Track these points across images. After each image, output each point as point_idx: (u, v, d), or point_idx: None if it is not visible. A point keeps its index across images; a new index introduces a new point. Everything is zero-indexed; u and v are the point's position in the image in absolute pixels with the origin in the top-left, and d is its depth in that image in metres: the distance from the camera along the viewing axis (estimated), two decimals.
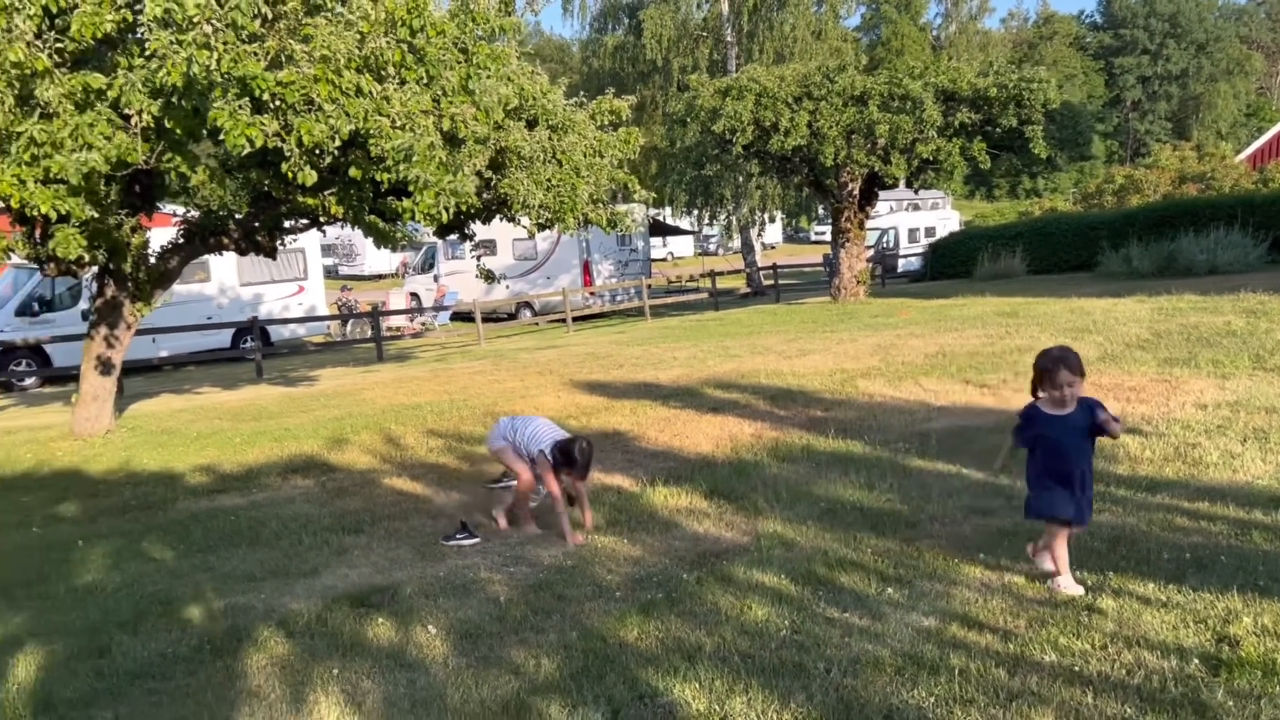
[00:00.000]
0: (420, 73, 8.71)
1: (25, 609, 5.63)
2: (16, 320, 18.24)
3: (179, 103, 7.92)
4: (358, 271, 43.28)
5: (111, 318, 11.01)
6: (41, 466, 9.81)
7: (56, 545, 6.98)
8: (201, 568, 6.20)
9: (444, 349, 20.68)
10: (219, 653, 4.71)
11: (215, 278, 20.62)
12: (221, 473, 9.02)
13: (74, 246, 8.43)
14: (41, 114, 7.93)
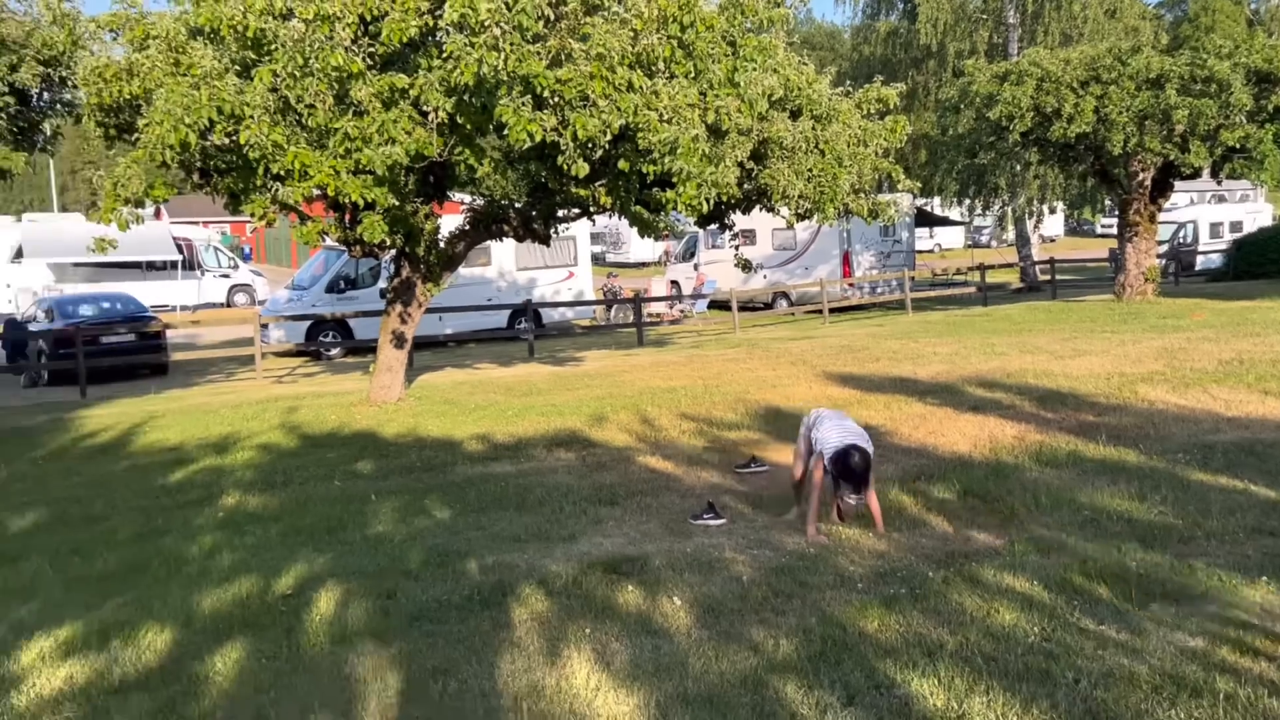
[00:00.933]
0: (688, 67, 8.98)
1: (327, 551, 6.39)
2: (326, 296, 20.38)
3: (470, 100, 8.62)
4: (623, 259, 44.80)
5: (406, 296, 12.12)
6: (343, 427, 10.98)
7: (354, 498, 7.83)
8: (474, 526, 6.78)
9: (700, 336, 21.11)
10: (487, 604, 5.17)
11: (495, 262, 22.09)
12: (494, 442, 9.75)
13: (378, 231, 9.38)
14: (355, 112, 8.87)
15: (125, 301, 19.94)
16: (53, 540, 7.04)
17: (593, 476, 8.08)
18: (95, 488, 8.67)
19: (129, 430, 11.37)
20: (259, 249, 50.65)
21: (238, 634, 4.90)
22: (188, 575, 6.01)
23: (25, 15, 10.26)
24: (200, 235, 32.91)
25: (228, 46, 9.23)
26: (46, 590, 5.88)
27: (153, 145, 8.77)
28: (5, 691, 4.36)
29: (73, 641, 4.90)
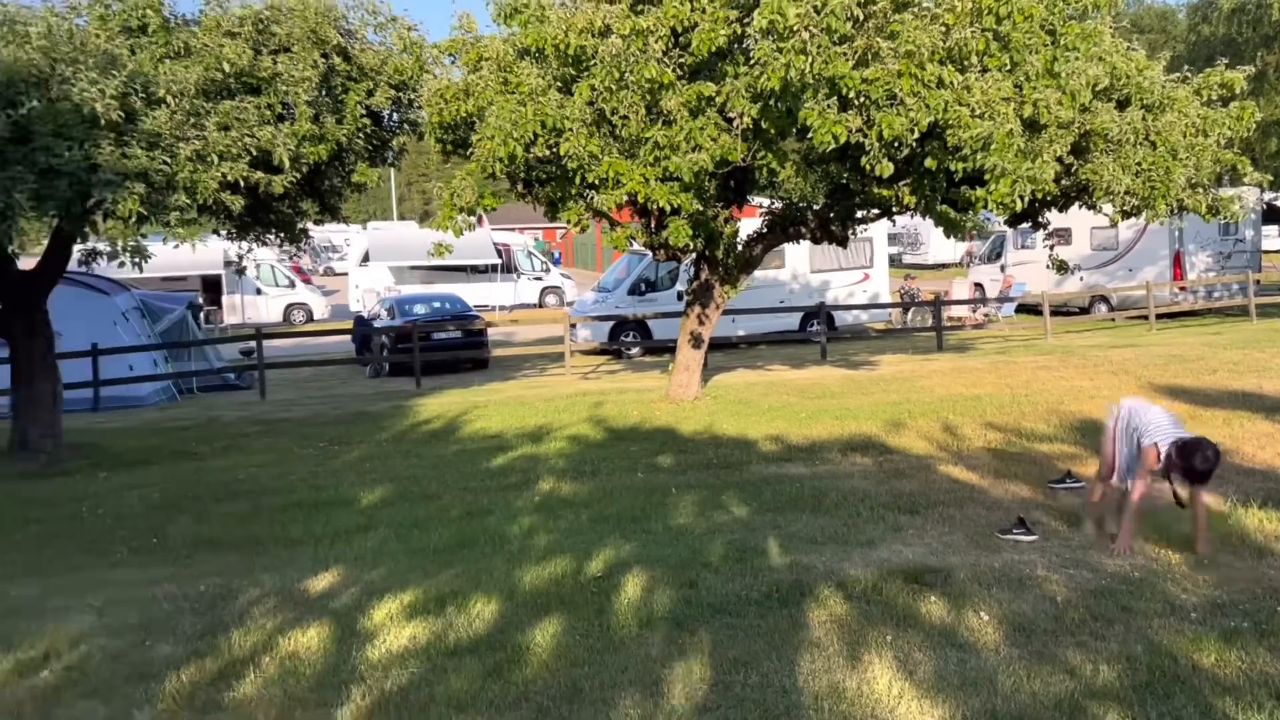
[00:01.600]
0: (1003, 59, 8.59)
1: (633, 539, 6.72)
2: (628, 298, 21.31)
3: (775, 105, 8.73)
4: (921, 260, 43.36)
5: (704, 298, 12.46)
6: (644, 423, 11.47)
7: (655, 490, 8.17)
8: (770, 525, 6.86)
9: (1006, 341, 20.04)
10: (785, 602, 5.23)
11: (789, 264, 22.13)
12: (788, 443, 9.81)
13: (683, 235, 9.73)
14: (664, 121, 9.24)
15: (453, 301, 21.89)
16: (396, 514, 7.89)
17: (891, 483, 7.93)
18: (430, 469, 9.61)
19: (456, 418, 12.50)
20: (567, 254, 53.81)
21: (554, 610, 5.27)
22: (509, 553, 6.53)
23: (381, 45, 11.53)
24: (517, 241, 35.45)
25: (550, 64, 9.91)
26: (392, 558, 6.61)
27: (484, 158, 9.59)
28: (362, 645, 4.95)
29: (415, 605, 5.47)
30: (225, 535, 7.53)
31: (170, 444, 11.87)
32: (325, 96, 10.88)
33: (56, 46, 8.85)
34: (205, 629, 5.25)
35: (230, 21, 10.45)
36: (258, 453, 11.01)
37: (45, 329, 11.10)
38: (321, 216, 13.31)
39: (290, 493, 8.83)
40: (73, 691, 4.54)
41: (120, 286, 17.47)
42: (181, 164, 8.99)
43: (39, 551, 7.36)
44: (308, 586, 5.95)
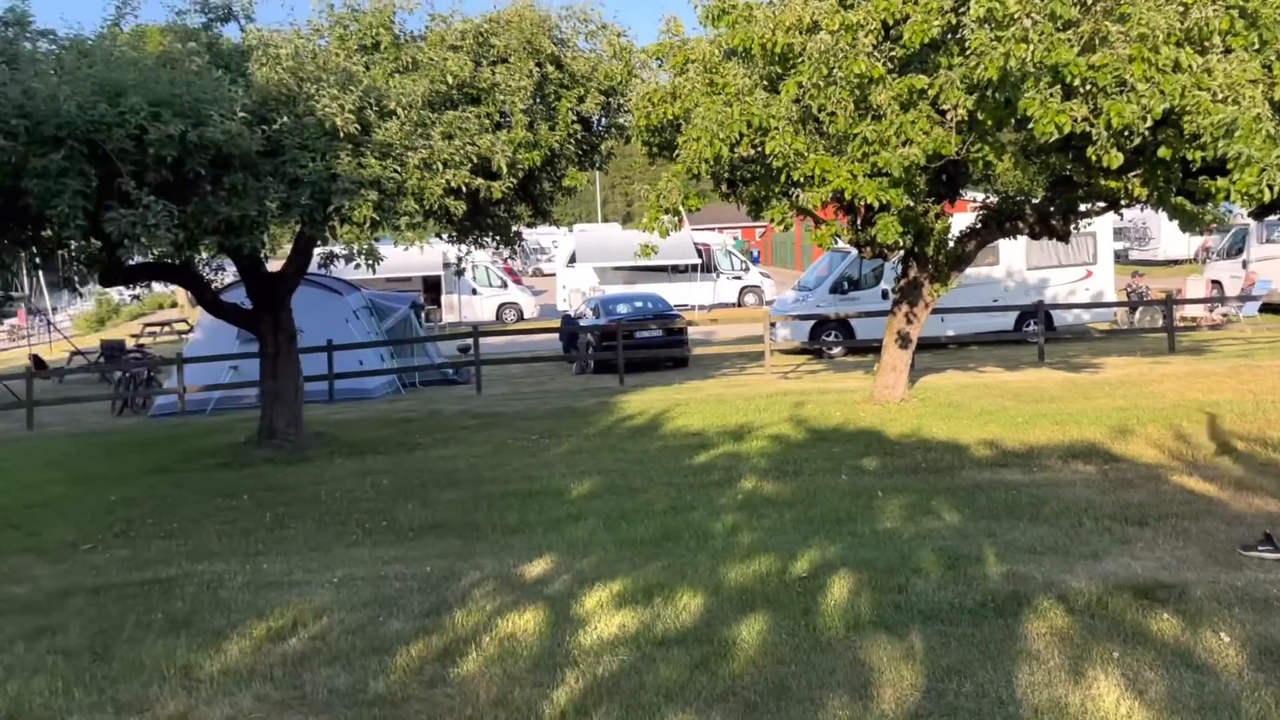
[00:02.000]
0: (1250, 38, 7.93)
1: (838, 541, 6.65)
2: (830, 297, 21.00)
3: (992, 95, 8.40)
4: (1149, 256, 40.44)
5: (912, 297, 12.13)
6: (847, 424, 11.29)
7: (861, 492, 8.04)
8: (984, 533, 6.62)
9: (1249, 344, 18.41)
10: (1001, 612, 5.04)
11: (1003, 261, 21.17)
12: (1003, 448, 9.41)
13: (892, 231, 9.51)
14: (872, 116, 9.07)
15: (655, 301, 22.27)
16: (604, 505, 8.13)
17: (1117, 493, 7.48)
18: (634, 463, 9.84)
19: (659, 415, 12.72)
20: (766, 252, 53.61)
21: (759, 607, 5.30)
22: (714, 549, 6.60)
23: (591, 52, 11.90)
24: (716, 240, 35.64)
25: (757, 64, 9.93)
26: (601, 548, 6.82)
27: (690, 159, 9.72)
28: (575, 630, 5.15)
29: (623, 594, 5.63)
30: (447, 520, 7.99)
31: (396, 434, 12.69)
32: (539, 104, 11.33)
33: (303, 66, 9.64)
34: (431, 608, 5.60)
35: (453, 36, 11.07)
36: (475, 444, 11.60)
37: (289, 326, 12.10)
38: (534, 219, 13.87)
39: (506, 482, 9.27)
40: (317, 659, 4.94)
41: (352, 287, 18.82)
42: (410, 172, 9.60)
43: (283, 530, 8.05)
44: (523, 572, 6.24)
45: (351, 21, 10.98)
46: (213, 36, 10.75)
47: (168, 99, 8.31)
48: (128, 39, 10.27)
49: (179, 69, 8.86)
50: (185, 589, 6.30)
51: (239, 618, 5.61)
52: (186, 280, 11.78)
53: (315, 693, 4.52)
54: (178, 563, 7.09)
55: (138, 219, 8.18)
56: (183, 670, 4.86)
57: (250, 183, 8.87)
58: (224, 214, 8.73)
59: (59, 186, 7.96)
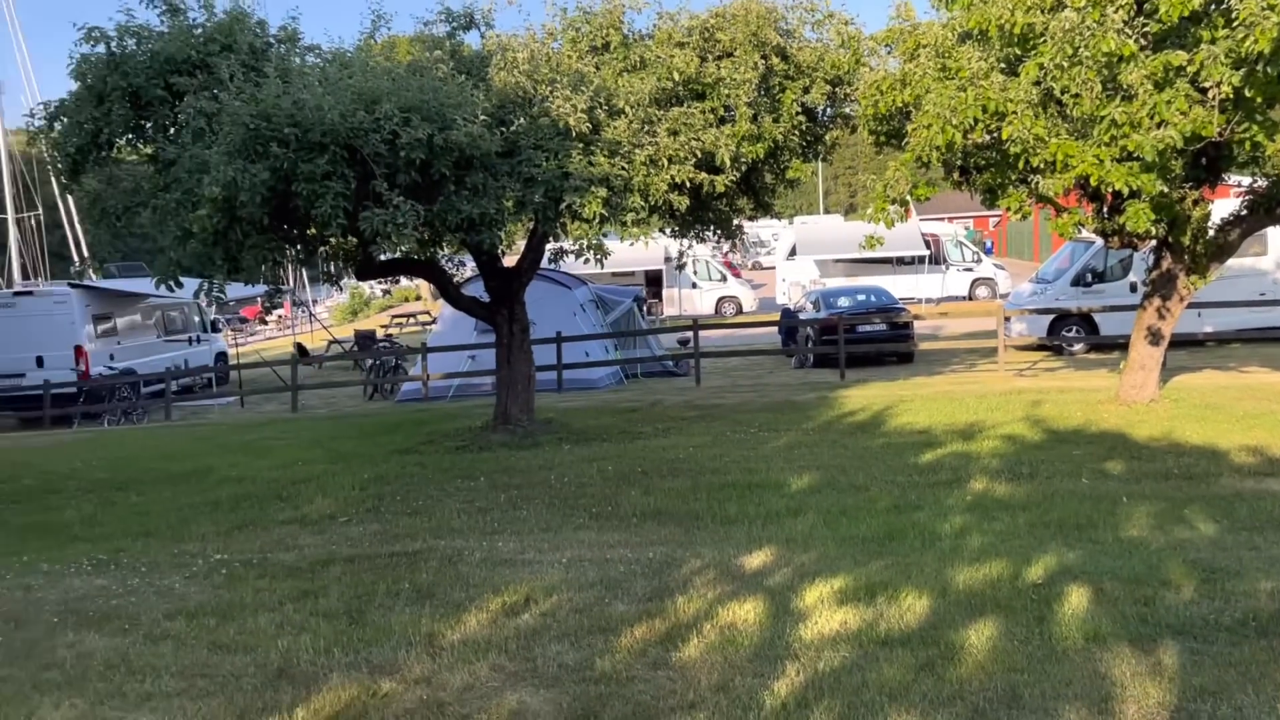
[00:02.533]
0: None
1: (1076, 547, 6.29)
2: (1071, 290, 19.77)
3: (1262, 70, 7.66)
4: None
5: (1165, 290, 11.25)
6: (1089, 425, 10.62)
7: (1103, 497, 7.55)
8: (1246, 545, 6.08)
9: None
10: (1264, 632, 4.62)
11: (1273, 251, 19.22)
12: (1269, 455, 8.59)
13: (1143, 220, 8.86)
14: (1123, 96, 8.48)
15: (878, 294, 21.75)
16: (824, 501, 8.04)
17: None
18: (856, 459, 9.67)
19: (881, 411, 12.43)
20: (1000, 243, 51.11)
21: (989, 612, 5.10)
22: (940, 550, 6.40)
23: (818, 42, 11.76)
24: (946, 231, 34.34)
25: (993, 46, 9.49)
26: (821, 543, 6.76)
27: (920, 147, 9.43)
28: (795, 623, 5.14)
29: (845, 591, 5.56)
30: (668, 508, 8.16)
31: (620, 423, 13.06)
32: (763, 96, 11.32)
33: (538, 69, 10.08)
34: (654, 592, 5.75)
35: (680, 33, 11.24)
36: (696, 435, 11.76)
37: (523, 318, 12.70)
38: (755, 212, 13.88)
39: (725, 473, 9.35)
40: (547, 635, 5.19)
41: (579, 281, 19.49)
42: (637, 168, 9.84)
43: (516, 510, 8.48)
44: (743, 562, 6.28)
45: (583, 24, 11.37)
46: (455, 44, 11.44)
47: (417, 105, 8.91)
48: (381, 50, 11.09)
49: (427, 76, 9.48)
50: (429, 562, 6.75)
51: (477, 591, 5.97)
52: (430, 274, 12.59)
53: (546, 667, 4.75)
54: (422, 537, 7.62)
55: (389, 218, 8.83)
56: (427, 638, 5.22)
57: (489, 182, 9.38)
58: (465, 212, 9.26)
59: (323, 189, 8.71)
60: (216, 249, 9.29)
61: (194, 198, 8.93)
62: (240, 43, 10.09)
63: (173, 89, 9.84)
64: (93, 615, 5.97)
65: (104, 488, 11.06)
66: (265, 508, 9.31)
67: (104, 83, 9.94)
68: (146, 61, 9.91)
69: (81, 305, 20.77)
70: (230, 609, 5.94)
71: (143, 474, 11.77)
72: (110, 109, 9.94)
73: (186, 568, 7.07)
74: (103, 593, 6.49)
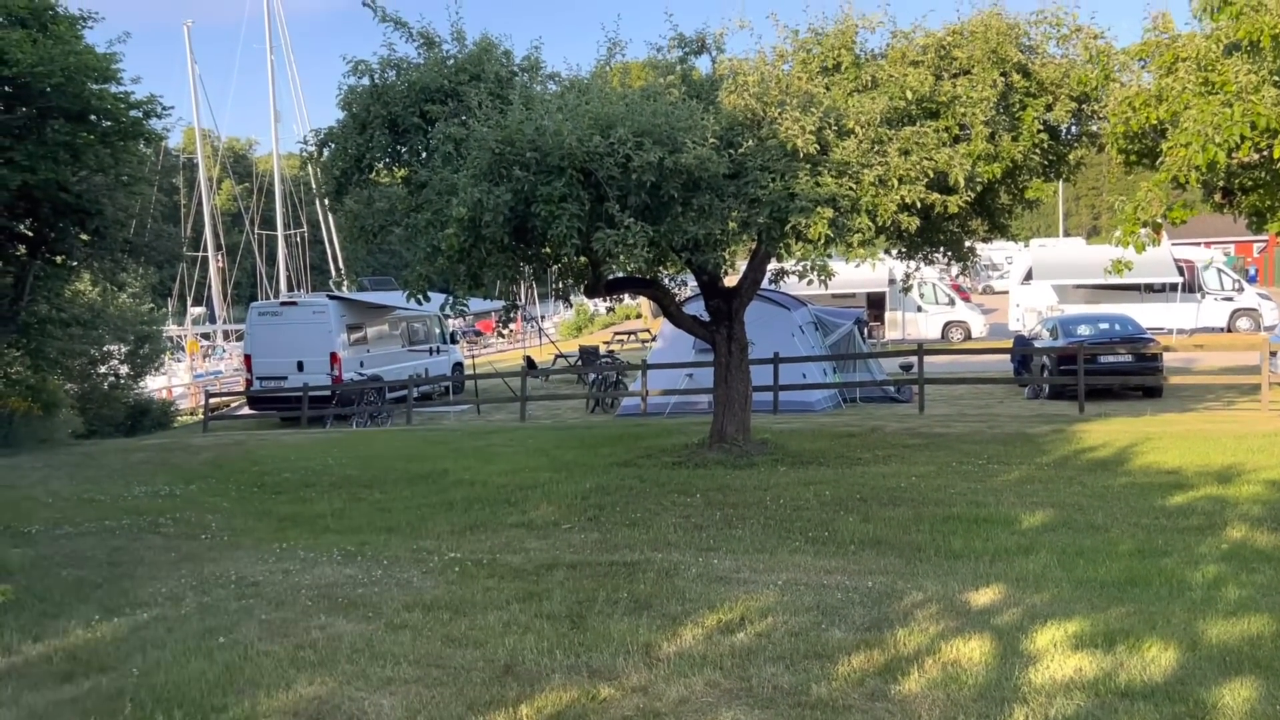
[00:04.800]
0: None
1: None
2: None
3: None
4: None
5: None
6: None
7: None
8: None
9: None
10: None
11: None
12: None
13: None
14: None
15: (1124, 323, 20.34)
16: (1059, 540, 7.59)
17: None
18: (1095, 498, 9.07)
19: (1125, 448, 11.60)
20: (1266, 270, 46.64)
21: (1247, 671, 4.67)
22: (1190, 600, 5.91)
23: (1063, 58, 11.18)
24: (1202, 256, 31.68)
25: (1265, 58, 8.73)
26: (1055, 584, 6.38)
27: (1177, 166, 8.80)
28: (1025, 666, 4.88)
29: (1080, 636, 5.23)
30: (888, 537, 7.94)
31: (837, 448, 12.84)
32: (1002, 115, 10.88)
33: (767, 92, 10.14)
34: (872, 622, 5.62)
35: (914, 51, 11.00)
36: (918, 464, 11.39)
37: (741, 337, 12.75)
38: (989, 234, 13.34)
39: (949, 505, 9.00)
40: (762, 655, 5.17)
41: (799, 302, 19.37)
42: (865, 189, 9.69)
43: (732, 529, 8.51)
44: (968, 599, 6.04)
45: (815, 45, 11.33)
46: (687, 69, 11.69)
47: (649, 129, 9.17)
48: (616, 75, 11.49)
49: (659, 101, 9.74)
50: (646, 573, 6.89)
51: (692, 606, 6.04)
52: (654, 293, 12.88)
53: (761, 687, 4.74)
54: (640, 549, 7.79)
55: (620, 239, 9.12)
56: (644, 647, 5.33)
57: (715, 203, 9.51)
58: (691, 233, 9.43)
59: (559, 210, 9.11)
60: (461, 266, 9.90)
61: (442, 217, 9.56)
62: (488, 72, 10.74)
63: (426, 116, 10.60)
64: (341, 601, 6.48)
65: (352, 484, 11.97)
66: (495, 511, 9.79)
67: (367, 111, 10.84)
68: (404, 91, 10.72)
69: (337, 315, 22.66)
70: (462, 605, 6.29)
71: (386, 473, 12.66)
72: (372, 135, 10.82)
73: (424, 563, 7.54)
74: (350, 581, 7.03)
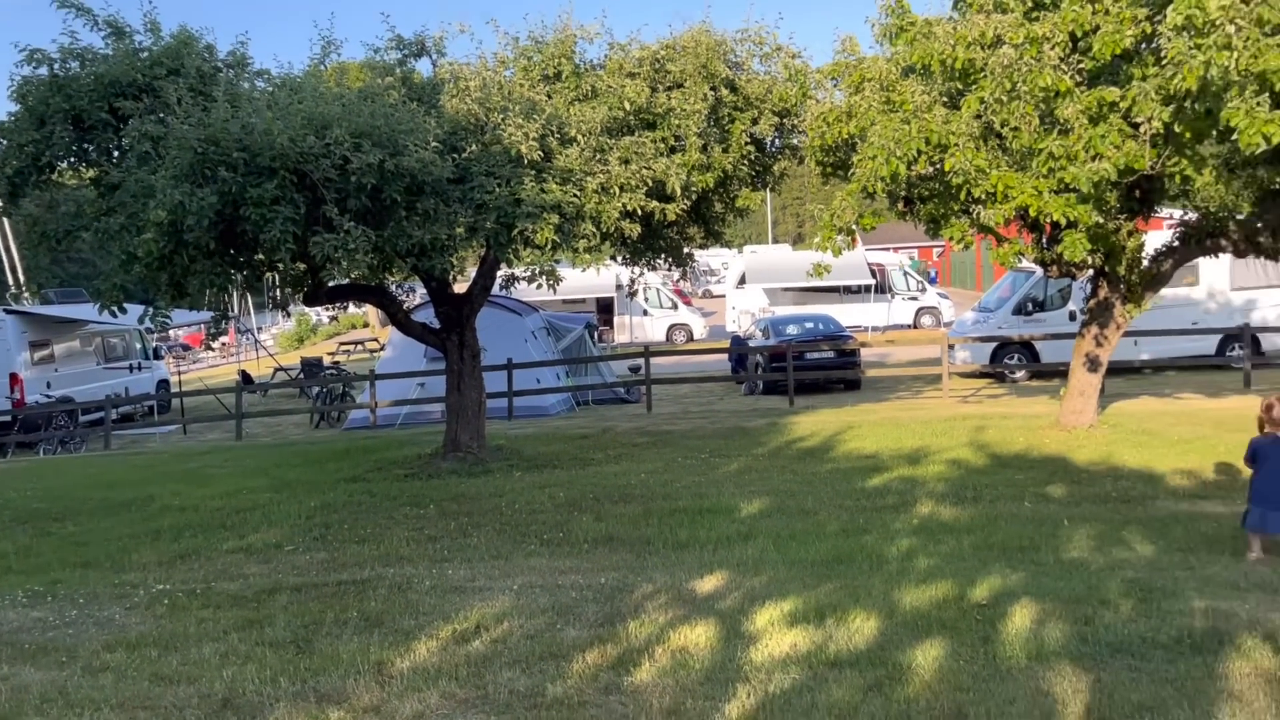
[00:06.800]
0: None
1: (1019, 569, 6.41)
2: (1013, 318, 20.21)
3: (1191, 106, 7.96)
4: None
5: (1102, 318, 11.56)
6: (1031, 450, 10.86)
7: (1045, 520, 7.72)
8: (1181, 566, 6.25)
9: None
10: (1199, 649, 4.75)
11: (1204, 281, 19.84)
12: (1203, 479, 8.85)
13: (1079, 249, 9.12)
14: (1059, 130, 8.75)
15: (826, 322, 22.01)
16: (774, 525, 8.12)
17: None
18: (805, 484, 9.77)
19: (830, 437, 12.58)
20: (944, 273, 52.06)
21: (935, 633, 5.18)
22: (888, 572, 6.49)
23: (766, 74, 11.98)
24: (891, 260, 34.91)
25: (935, 80, 9.75)
26: (771, 567, 6.82)
27: (865, 178, 9.62)
28: (746, 646, 5.17)
29: (795, 614, 5.61)
30: (620, 533, 8.17)
31: (571, 450, 13.05)
32: (713, 127, 11.48)
33: (490, 97, 10.14)
34: (605, 617, 5.75)
35: (630, 63, 11.38)
36: (647, 461, 11.79)
37: (473, 344, 12.66)
38: (706, 241, 14.02)
39: (676, 499, 9.39)
40: (498, 661, 5.16)
41: (530, 308, 19.49)
42: (589, 196, 9.91)
43: (467, 538, 8.43)
44: (695, 587, 6.32)
45: (535, 53, 11.46)
46: (407, 71, 11.45)
47: (368, 130, 8.91)
48: (332, 75, 11.07)
49: (378, 102, 9.48)
50: (378, 590, 6.69)
51: (426, 619, 5.92)
52: (380, 300, 12.53)
53: (497, 693, 4.72)
54: (371, 565, 7.54)
55: (339, 243, 8.79)
56: (376, 666, 5.17)
57: (441, 208, 9.38)
58: (417, 238, 9.26)
59: (272, 214, 8.65)
60: (162, 274, 9.17)
61: (139, 221, 8.82)
62: (188, 67, 10.01)
63: (117, 112, 9.73)
64: (28, 648, 5.82)
65: (40, 518, 10.78)
66: (209, 537, 9.15)
67: (46, 105, 9.79)
68: (90, 84, 9.78)
69: (17, 331, 20.29)
70: (173, 640, 5.82)
71: (80, 503, 11.50)
72: (52, 131, 9.79)
73: (127, 598, 6.92)
74: (38, 624, 6.33)
